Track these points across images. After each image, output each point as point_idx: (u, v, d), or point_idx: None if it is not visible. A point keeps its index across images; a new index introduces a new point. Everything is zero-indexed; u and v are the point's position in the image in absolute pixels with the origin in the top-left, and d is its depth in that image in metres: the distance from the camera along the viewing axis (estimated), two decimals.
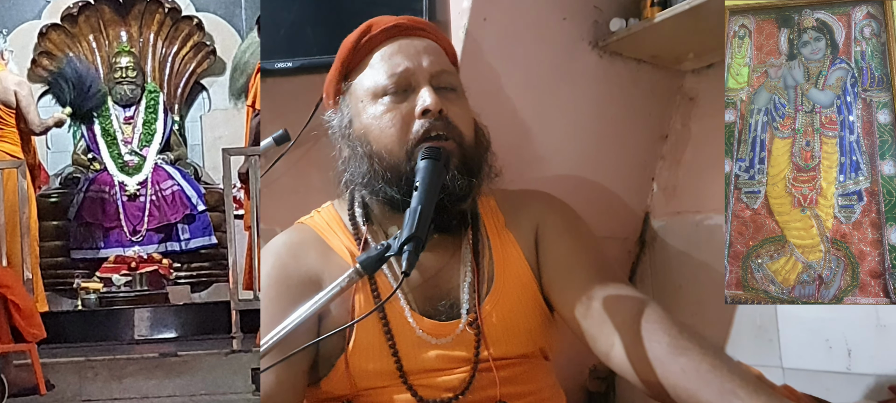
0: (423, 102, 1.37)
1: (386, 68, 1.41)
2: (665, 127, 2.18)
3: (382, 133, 1.39)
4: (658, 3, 1.85)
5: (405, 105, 1.39)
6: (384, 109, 1.40)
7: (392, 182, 1.39)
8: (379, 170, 1.40)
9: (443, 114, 1.38)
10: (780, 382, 1.61)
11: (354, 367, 1.38)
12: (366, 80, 1.44)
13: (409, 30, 1.46)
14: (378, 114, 1.40)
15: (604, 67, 2.02)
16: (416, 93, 1.39)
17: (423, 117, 1.37)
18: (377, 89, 1.41)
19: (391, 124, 1.39)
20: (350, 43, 1.46)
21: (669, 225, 2.16)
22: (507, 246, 1.47)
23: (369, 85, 1.43)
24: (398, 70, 1.40)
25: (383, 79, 1.41)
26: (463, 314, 1.41)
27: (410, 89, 1.40)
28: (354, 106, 1.45)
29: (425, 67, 1.41)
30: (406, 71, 1.40)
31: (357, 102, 1.45)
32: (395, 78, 1.40)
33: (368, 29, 1.46)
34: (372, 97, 1.42)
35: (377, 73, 1.42)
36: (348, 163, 1.46)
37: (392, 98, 1.40)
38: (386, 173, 1.39)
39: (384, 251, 1.18)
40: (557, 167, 2.00)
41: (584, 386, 2.20)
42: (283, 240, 1.50)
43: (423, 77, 1.40)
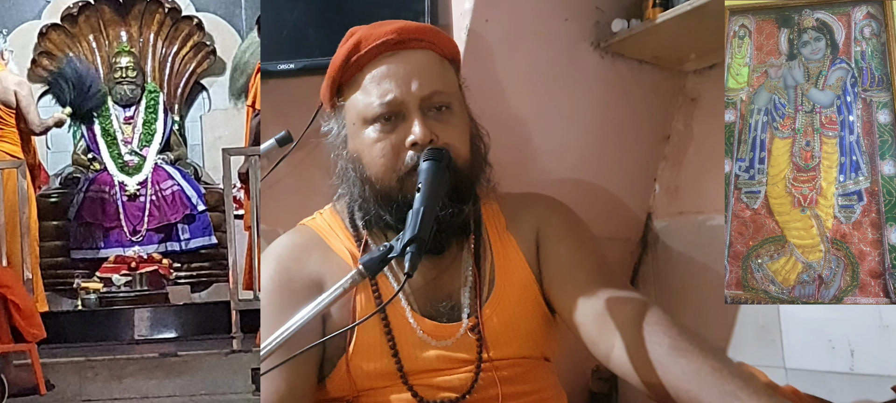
0: (413, 134, 1.36)
1: (376, 94, 1.40)
2: (667, 127, 2.18)
3: (373, 161, 1.40)
4: (660, 4, 1.85)
5: (395, 136, 1.38)
6: (375, 138, 1.39)
7: (385, 208, 1.40)
8: (371, 195, 1.41)
9: (433, 143, 1.37)
10: (782, 383, 1.61)
11: (355, 367, 1.39)
12: (357, 103, 1.43)
13: (400, 44, 1.42)
14: (370, 142, 1.40)
15: (605, 68, 2.02)
16: (407, 120, 1.38)
17: (412, 149, 1.37)
18: (367, 116, 1.40)
19: (382, 154, 1.39)
20: (339, 61, 1.44)
21: (671, 226, 2.16)
22: (509, 250, 1.48)
23: (360, 109, 1.42)
24: (387, 99, 1.38)
25: (374, 106, 1.39)
26: (464, 318, 1.41)
27: (400, 116, 1.39)
28: (349, 125, 1.45)
29: (414, 92, 1.38)
30: (394, 100, 1.38)
31: (350, 123, 1.45)
32: (385, 107, 1.39)
33: (357, 47, 1.43)
34: (363, 122, 1.41)
35: (368, 98, 1.41)
36: (343, 177, 1.47)
37: (382, 125, 1.39)
38: (378, 199, 1.40)
39: (387, 252, 1.19)
40: (559, 168, 2.00)
41: (587, 387, 2.20)
42: (285, 243, 1.50)
43: (413, 104, 1.38)
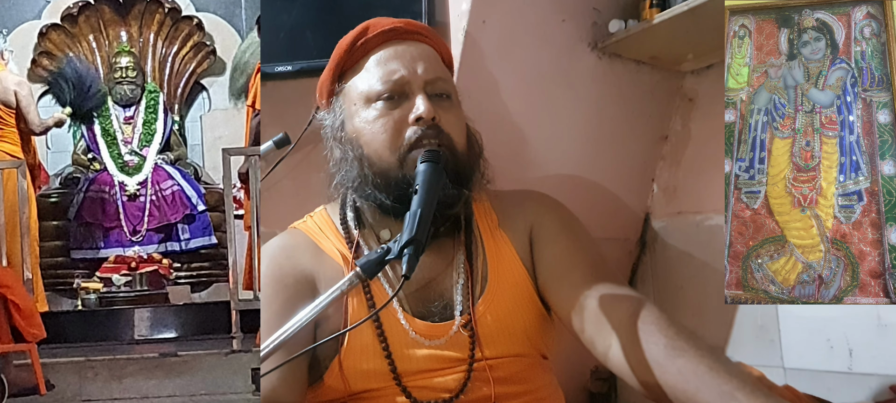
0: (417, 110, 1.38)
1: (381, 73, 1.42)
2: (665, 128, 2.18)
3: (374, 138, 1.40)
4: (657, 5, 1.85)
5: (398, 112, 1.39)
6: (377, 115, 1.40)
7: (382, 187, 1.39)
8: (369, 174, 1.41)
9: (435, 121, 1.38)
10: (781, 382, 1.61)
11: (348, 368, 1.39)
12: (360, 84, 1.44)
13: (406, 34, 1.46)
14: (371, 119, 1.41)
15: (603, 69, 2.02)
16: (409, 99, 1.40)
17: (416, 124, 1.38)
18: (371, 94, 1.42)
19: (383, 130, 1.39)
20: (346, 44, 1.46)
21: (670, 226, 2.16)
22: (501, 247, 1.47)
23: (363, 88, 1.43)
24: (393, 77, 1.40)
25: (378, 84, 1.41)
26: (456, 315, 1.41)
27: (404, 96, 1.40)
28: (347, 108, 1.45)
29: (420, 74, 1.41)
30: (401, 78, 1.40)
31: (350, 104, 1.45)
32: (390, 84, 1.40)
33: (365, 31, 1.46)
34: (365, 101, 1.42)
35: (372, 78, 1.42)
36: (339, 165, 1.46)
37: (385, 104, 1.40)
38: (376, 178, 1.40)
39: (384, 254, 1.19)
40: (557, 168, 2.00)
41: (586, 387, 2.20)
42: (277, 243, 1.51)
43: (417, 84, 1.40)
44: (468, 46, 1.81)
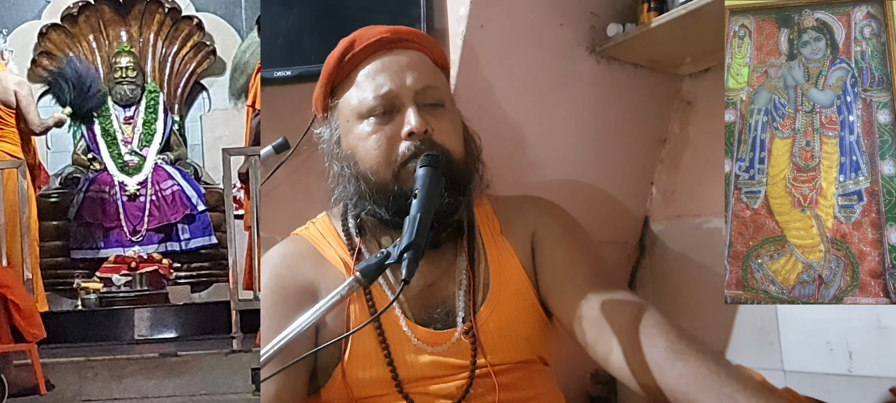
0: (408, 124, 1.37)
1: (370, 88, 1.41)
2: (663, 131, 2.18)
3: (368, 154, 1.40)
4: (654, 8, 1.85)
5: (390, 127, 1.39)
6: (370, 131, 1.40)
7: (380, 202, 1.40)
8: (366, 190, 1.41)
9: (428, 134, 1.37)
10: (781, 385, 1.60)
11: (351, 376, 1.39)
12: (352, 99, 1.44)
13: (394, 43, 1.45)
14: (364, 135, 1.40)
15: (601, 72, 2.01)
16: (401, 113, 1.39)
17: (408, 139, 1.37)
18: (362, 110, 1.41)
19: (377, 146, 1.39)
20: (334, 59, 1.46)
21: (669, 229, 2.16)
22: (503, 253, 1.47)
23: (355, 104, 1.43)
24: (382, 91, 1.40)
25: (368, 99, 1.41)
26: (459, 322, 1.41)
27: (395, 109, 1.40)
28: (342, 124, 1.45)
29: (409, 85, 1.40)
30: (389, 92, 1.40)
31: (344, 121, 1.45)
32: (380, 99, 1.40)
33: (351, 45, 1.45)
34: (358, 117, 1.42)
35: (362, 93, 1.42)
36: (338, 179, 1.46)
37: (377, 119, 1.40)
38: (374, 193, 1.40)
39: (384, 259, 1.19)
40: (556, 172, 2.00)
41: (586, 391, 2.20)
42: (279, 252, 1.51)
43: (407, 96, 1.39)
44: (466, 51, 1.80)
